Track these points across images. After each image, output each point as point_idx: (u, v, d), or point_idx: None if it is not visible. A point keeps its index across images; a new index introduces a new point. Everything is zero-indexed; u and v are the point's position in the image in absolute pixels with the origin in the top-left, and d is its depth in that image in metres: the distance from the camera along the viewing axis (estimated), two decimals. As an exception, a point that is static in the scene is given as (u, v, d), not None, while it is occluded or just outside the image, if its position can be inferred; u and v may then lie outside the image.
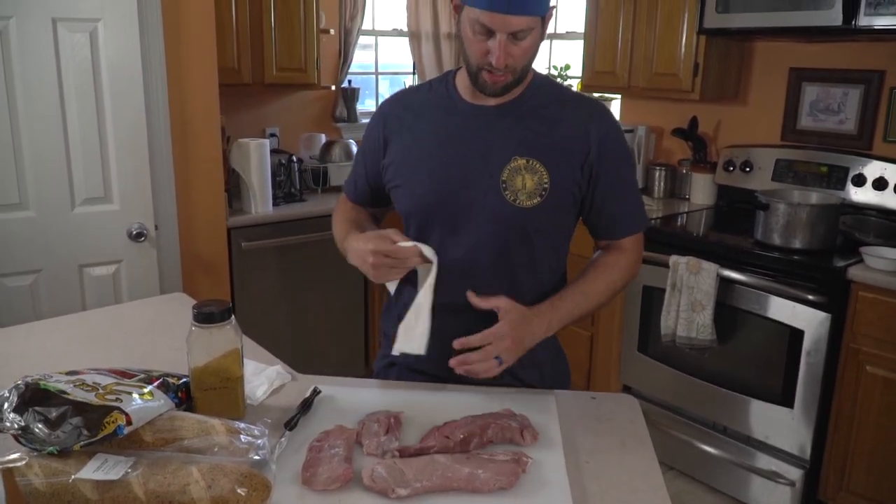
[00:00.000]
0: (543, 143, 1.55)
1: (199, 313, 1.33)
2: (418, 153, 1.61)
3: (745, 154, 3.57)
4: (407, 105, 1.68)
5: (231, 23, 3.56)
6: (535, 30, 1.44)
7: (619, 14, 3.70)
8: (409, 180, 1.62)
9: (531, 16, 1.40)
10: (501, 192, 1.53)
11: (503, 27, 1.40)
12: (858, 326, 2.67)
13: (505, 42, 1.42)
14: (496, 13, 1.39)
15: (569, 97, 1.64)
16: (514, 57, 1.45)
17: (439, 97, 1.64)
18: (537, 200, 1.53)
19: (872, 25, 2.70)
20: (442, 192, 1.58)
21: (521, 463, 1.23)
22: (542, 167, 1.53)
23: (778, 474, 2.89)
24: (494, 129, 1.57)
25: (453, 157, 1.57)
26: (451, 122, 1.60)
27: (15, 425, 1.14)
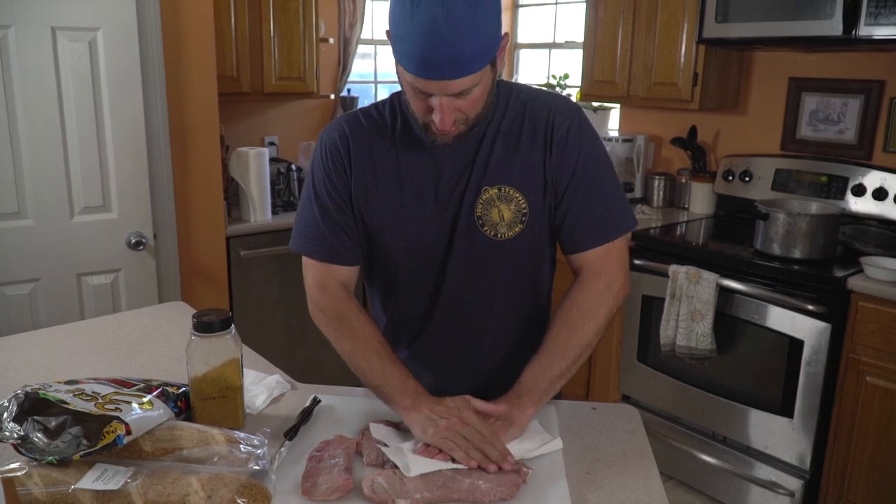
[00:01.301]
0: (511, 166, 1.42)
1: (199, 323, 1.33)
2: (387, 203, 1.46)
3: (745, 163, 3.57)
4: (362, 136, 1.47)
5: (230, 32, 3.56)
6: (483, 79, 1.28)
7: (619, 23, 3.71)
8: (383, 237, 1.48)
9: (472, 74, 1.23)
10: (479, 228, 1.43)
11: (441, 91, 1.25)
12: (858, 336, 2.66)
13: (447, 102, 1.27)
14: (430, 80, 1.24)
15: (529, 102, 1.46)
16: (462, 110, 1.30)
17: (399, 130, 1.46)
18: (519, 229, 1.44)
19: (872, 35, 2.70)
20: (422, 242, 1.47)
21: (521, 473, 1.23)
22: (516, 192, 1.42)
23: (777, 484, 2.88)
24: (461, 162, 1.43)
25: (423, 202, 1.44)
26: (414, 160, 1.45)
27: (14, 435, 1.13)
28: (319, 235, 1.49)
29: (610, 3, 3.74)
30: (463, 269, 1.48)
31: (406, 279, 1.54)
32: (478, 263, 1.47)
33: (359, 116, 1.50)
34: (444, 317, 1.54)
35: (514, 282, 1.52)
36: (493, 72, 1.31)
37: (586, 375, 3.66)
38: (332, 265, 1.51)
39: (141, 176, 2.93)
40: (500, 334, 1.57)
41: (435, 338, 1.58)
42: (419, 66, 1.22)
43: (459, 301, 1.52)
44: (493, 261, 1.47)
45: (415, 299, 1.56)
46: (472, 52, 1.21)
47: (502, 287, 1.52)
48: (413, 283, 1.54)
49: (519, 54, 5.02)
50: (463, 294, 1.51)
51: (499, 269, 1.49)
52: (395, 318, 1.61)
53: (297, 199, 3.90)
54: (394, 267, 1.53)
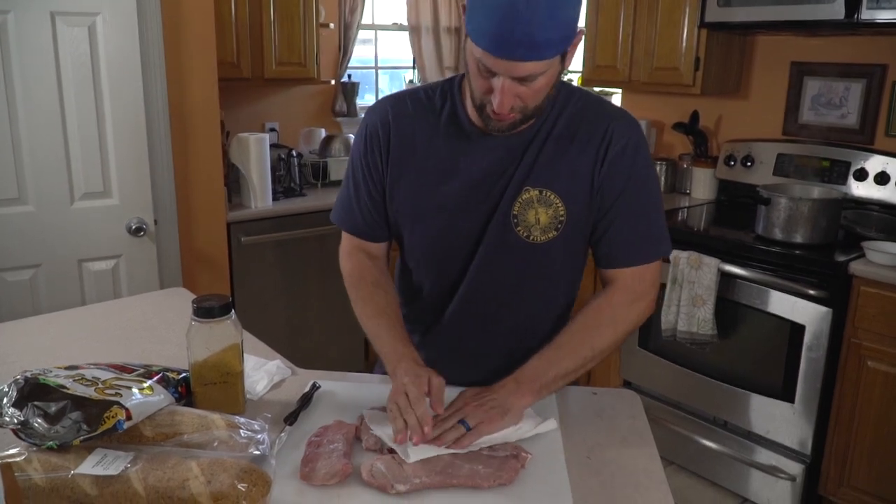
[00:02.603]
0: (557, 170, 1.39)
1: (199, 308, 1.33)
2: (425, 188, 1.45)
3: (747, 148, 3.56)
4: (406, 121, 1.47)
5: (230, 17, 3.55)
6: (550, 69, 1.24)
7: (620, 8, 3.69)
8: (417, 219, 1.48)
9: (545, 59, 1.21)
10: (513, 227, 1.41)
11: (507, 72, 1.22)
12: (860, 321, 2.66)
13: (510, 85, 1.24)
14: (500, 59, 1.21)
15: (588, 110, 1.43)
16: (522, 98, 1.27)
17: (445, 116, 1.45)
18: (553, 234, 1.41)
19: (875, 19, 2.68)
20: (452, 233, 1.46)
21: (520, 459, 1.23)
22: (556, 198, 1.39)
23: (778, 469, 2.89)
24: (504, 155, 1.41)
25: (462, 191, 1.43)
26: (457, 149, 1.43)
27: (14, 420, 1.13)
28: (351, 211, 1.55)
29: (611, -13, 3.72)
30: (488, 266, 1.47)
31: (430, 268, 1.53)
32: (505, 263, 1.46)
33: (405, 99, 1.50)
34: (462, 311, 1.53)
35: (538, 288, 1.50)
36: (562, 66, 1.28)
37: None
38: (364, 241, 1.57)
39: (141, 162, 2.93)
40: (514, 338, 1.54)
41: (449, 330, 1.57)
42: (491, 42, 1.20)
43: (479, 298, 1.50)
44: (521, 263, 1.46)
45: (435, 289, 1.55)
46: (547, 38, 1.18)
47: (525, 291, 1.50)
48: (436, 273, 1.53)
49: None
50: (484, 291, 1.50)
51: (524, 272, 1.47)
52: (415, 303, 1.61)
53: (297, 185, 3.89)
54: (420, 253, 1.53)
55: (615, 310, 1.44)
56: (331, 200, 1.74)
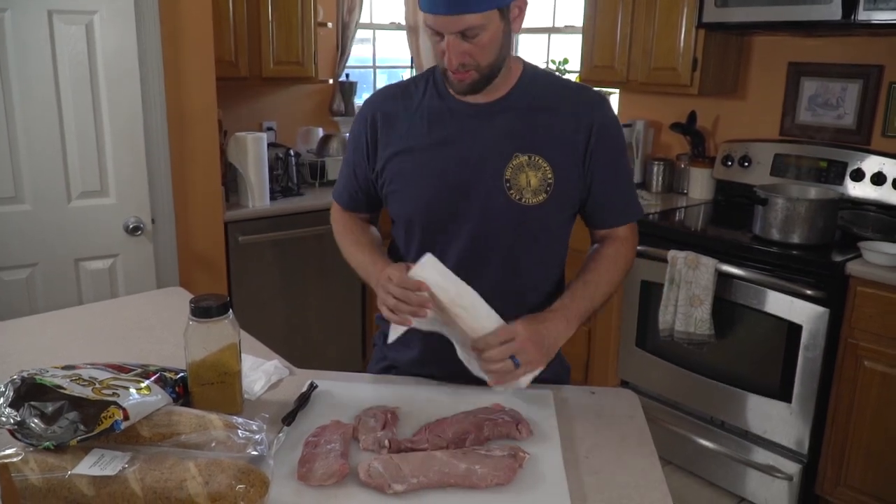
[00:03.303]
0: (544, 138, 1.51)
1: (197, 308, 1.32)
2: (415, 157, 1.55)
3: (744, 149, 3.56)
4: (393, 106, 1.60)
5: (228, 16, 3.54)
6: (490, 25, 1.38)
7: (618, 8, 3.69)
8: (407, 186, 1.57)
9: (477, 13, 1.35)
10: (506, 191, 1.50)
11: (447, 28, 1.37)
12: (857, 321, 2.66)
13: (455, 42, 1.38)
14: (438, 15, 1.36)
15: (566, 87, 1.60)
16: (471, 55, 1.40)
17: (429, 97, 1.58)
18: (543, 197, 1.51)
19: (871, 20, 2.69)
20: (443, 197, 1.54)
21: (518, 458, 1.23)
22: (544, 162, 1.50)
23: (775, 469, 2.89)
24: (492, 126, 1.52)
25: (452, 159, 1.53)
26: (445, 122, 1.55)
27: (11, 420, 1.13)
28: (342, 186, 1.72)
29: (609, -13, 3.72)
30: (484, 230, 1.55)
31: (427, 239, 1.59)
32: (500, 226, 1.54)
33: (394, 86, 1.66)
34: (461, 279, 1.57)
35: (532, 251, 1.59)
36: (503, 22, 1.41)
37: (585, 360, 3.67)
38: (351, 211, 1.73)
39: (139, 161, 2.93)
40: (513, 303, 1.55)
41: None
42: (428, 2, 1.36)
43: (477, 264, 1.56)
44: (515, 226, 1.54)
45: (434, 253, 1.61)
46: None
47: (520, 254, 1.58)
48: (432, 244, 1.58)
49: (518, 39, 4.99)
50: (481, 257, 1.56)
51: (519, 235, 1.55)
52: None
53: (295, 184, 3.89)
54: (417, 226, 1.61)
55: (621, 255, 1.62)
56: (328, 200, 1.80)
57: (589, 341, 3.64)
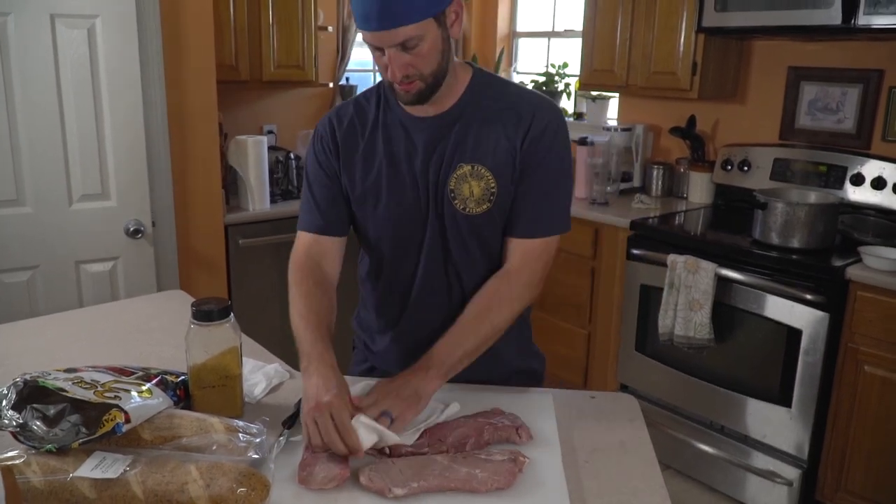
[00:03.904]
0: (487, 147, 1.51)
1: (198, 311, 1.33)
2: (375, 176, 1.56)
3: (744, 153, 3.56)
4: (349, 125, 1.60)
5: (229, 20, 3.55)
6: (428, 34, 1.37)
7: (618, 12, 3.70)
8: (370, 206, 1.58)
9: (411, 24, 1.34)
10: (451, 201, 1.52)
11: (385, 42, 1.36)
12: (857, 326, 2.67)
13: (396, 54, 1.38)
14: (373, 32, 1.36)
15: (512, 95, 1.57)
16: (413, 65, 1.39)
17: (382, 112, 1.58)
18: (486, 206, 1.52)
19: (871, 24, 2.69)
20: (401, 214, 1.56)
21: (518, 462, 1.23)
22: (487, 172, 1.50)
23: (775, 474, 2.89)
24: (438, 137, 1.53)
25: (405, 174, 1.54)
26: (397, 138, 1.56)
27: (13, 423, 1.13)
28: (310, 211, 1.63)
29: (610, -8, 3.73)
30: (437, 241, 1.56)
31: (388, 251, 1.62)
32: (450, 236, 1.55)
33: (347, 104, 1.65)
34: (423, 291, 1.61)
35: (482, 259, 1.58)
36: (441, 29, 1.40)
37: (584, 364, 3.67)
38: (320, 236, 1.63)
39: (139, 164, 2.93)
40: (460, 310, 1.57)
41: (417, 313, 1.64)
42: (362, 21, 1.36)
43: (435, 274, 1.59)
44: (463, 235, 1.55)
45: (396, 273, 1.64)
46: (404, 2, 1.32)
47: (471, 263, 1.58)
48: (393, 256, 1.62)
49: (518, 43, 5.00)
50: (438, 267, 1.58)
51: (468, 244, 1.56)
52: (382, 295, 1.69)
53: (295, 187, 3.89)
54: (377, 238, 1.62)
55: (513, 289, 1.54)
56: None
57: (588, 345, 3.65)
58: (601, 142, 3.77)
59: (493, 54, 4.90)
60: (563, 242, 3.71)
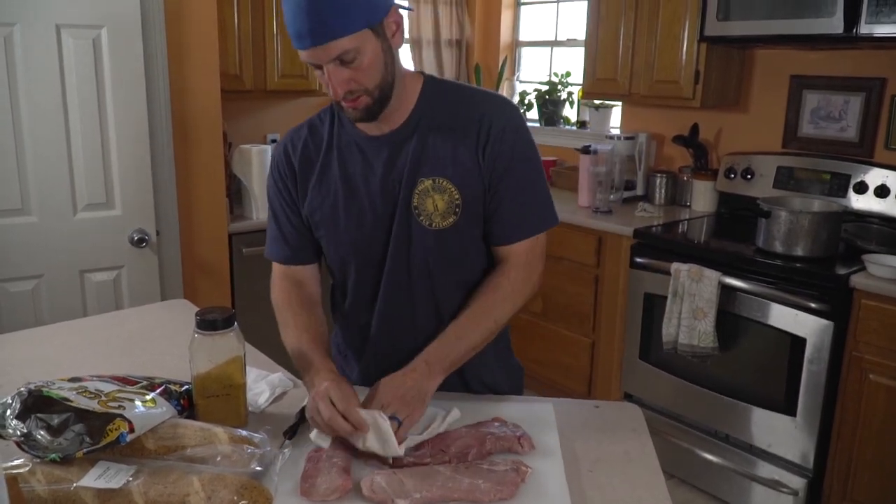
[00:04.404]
0: (446, 158, 1.47)
1: (202, 320, 1.33)
2: (332, 200, 1.53)
3: (747, 161, 3.57)
4: (304, 149, 1.57)
5: (233, 29, 3.56)
6: (366, 46, 1.33)
7: (620, 21, 3.71)
8: (331, 231, 1.56)
9: (343, 37, 1.30)
10: (416, 217, 1.48)
11: (321, 58, 1.32)
12: (861, 335, 2.66)
13: (335, 70, 1.34)
14: (305, 50, 1.32)
15: (466, 100, 1.52)
16: (355, 81, 1.36)
17: (336, 132, 1.55)
18: (452, 219, 1.48)
19: (873, 33, 2.70)
20: (364, 235, 1.53)
21: (520, 472, 1.22)
22: (449, 184, 1.47)
23: (780, 483, 2.88)
24: (395, 155, 1.49)
25: (369, 195, 1.50)
26: (352, 159, 1.52)
27: (17, 432, 1.14)
28: (277, 240, 1.63)
29: (612, 2, 3.73)
30: (401, 258, 1.53)
31: (351, 273, 1.60)
32: (415, 253, 1.52)
33: (301, 126, 1.62)
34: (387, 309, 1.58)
35: (450, 273, 1.55)
36: (380, 40, 1.37)
37: (588, 373, 3.67)
38: (290, 266, 1.63)
39: (144, 173, 2.94)
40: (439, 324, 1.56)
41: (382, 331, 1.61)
42: (296, 39, 1.32)
43: (400, 292, 1.55)
44: (429, 251, 1.51)
45: (360, 293, 1.61)
46: (335, 16, 1.28)
47: (439, 277, 1.55)
48: (356, 277, 1.60)
49: (520, 52, 5.02)
50: (402, 285, 1.55)
51: (434, 259, 1.52)
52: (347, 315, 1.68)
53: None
54: (340, 260, 1.60)
55: (513, 284, 1.52)
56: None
57: (592, 354, 3.64)
58: (604, 150, 3.77)
59: (496, 63, 4.91)
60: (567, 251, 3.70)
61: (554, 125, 4.59)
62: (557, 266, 3.65)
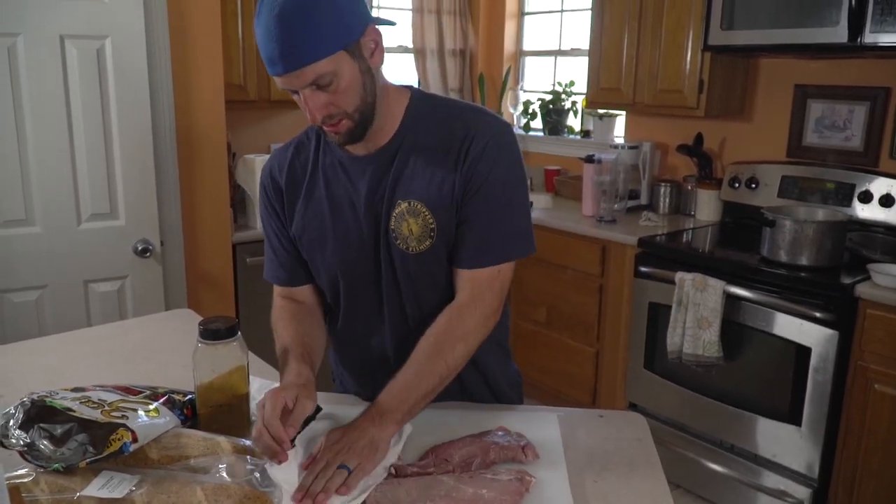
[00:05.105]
0: (423, 181, 1.42)
1: (206, 330, 1.33)
2: (318, 221, 1.51)
3: (751, 170, 3.56)
4: (289, 172, 1.55)
5: (237, 40, 3.57)
6: (342, 69, 1.29)
7: (624, 31, 3.71)
8: (317, 252, 1.54)
9: (318, 61, 1.26)
10: (394, 242, 1.45)
11: (296, 84, 1.29)
12: (866, 344, 2.65)
13: (312, 95, 1.30)
14: (279, 76, 1.29)
15: (450, 119, 1.46)
16: (334, 104, 1.32)
17: (322, 152, 1.52)
18: (428, 243, 1.43)
19: (878, 42, 2.70)
20: (348, 258, 1.51)
21: (524, 482, 1.22)
22: (423, 207, 1.42)
23: (786, 493, 2.87)
24: (379, 176, 1.45)
25: (348, 217, 1.48)
26: (341, 180, 1.49)
27: (21, 442, 1.14)
28: (272, 262, 1.63)
29: (615, 11, 3.74)
30: (387, 281, 1.50)
31: (340, 296, 1.57)
32: (398, 276, 1.49)
33: (287, 147, 1.59)
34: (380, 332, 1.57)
35: (433, 297, 1.51)
36: (358, 61, 1.33)
37: (593, 383, 3.66)
38: (288, 287, 1.63)
39: (148, 183, 2.94)
40: None
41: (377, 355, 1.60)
42: (270, 65, 1.28)
43: (394, 311, 1.53)
44: (409, 274, 1.48)
45: (353, 317, 1.59)
46: (308, 39, 1.25)
47: (424, 301, 1.51)
48: (347, 300, 1.57)
49: (524, 62, 5.03)
50: (392, 307, 1.52)
51: (416, 282, 1.49)
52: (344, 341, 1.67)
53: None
54: (329, 283, 1.57)
55: (465, 324, 1.44)
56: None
57: (597, 364, 3.63)
58: (608, 160, 3.77)
59: (500, 73, 4.92)
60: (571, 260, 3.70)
61: (558, 134, 4.59)
62: (562, 275, 3.65)
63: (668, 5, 3.50)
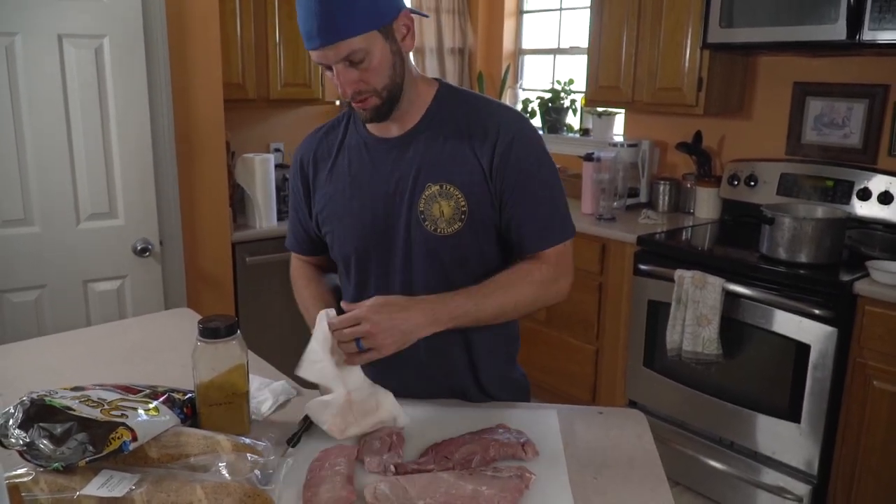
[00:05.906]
0: (455, 165, 1.49)
1: (205, 328, 1.33)
2: (340, 198, 1.58)
3: (750, 168, 3.56)
4: (320, 148, 1.64)
5: (236, 39, 3.58)
6: (374, 47, 1.36)
7: (623, 29, 3.71)
8: (335, 227, 1.60)
9: (352, 37, 1.33)
10: (422, 223, 1.49)
11: (330, 58, 1.36)
12: (865, 341, 2.65)
13: (343, 70, 1.37)
14: (315, 50, 1.36)
15: (478, 109, 1.54)
16: (364, 81, 1.39)
17: (350, 134, 1.60)
18: (458, 226, 1.49)
19: (876, 40, 2.70)
20: (368, 234, 1.55)
21: (524, 479, 1.22)
22: (456, 190, 1.48)
23: (785, 490, 2.87)
24: (406, 157, 1.51)
25: (372, 196, 1.53)
26: (364, 160, 1.56)
27: (20, 441, 1.14)
28: (293, 232, 1.78)
29: (614, 9, 3.74)
30: (411, 263, 1.54)
31: (363, 276, 1.61)
32: (424, 258, 1.53)
33: (321, 127, 1.69)
34: None
35: (458, 279, 1.52)
36: (389, 42, 1.39)
37: (592, 380, 3.66)
38: (307, 256, 1.78)
39: (147, 182, 2.94)
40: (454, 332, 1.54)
41: None
42: (307, 39, 1.36)
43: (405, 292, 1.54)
44: (437, 256, 1.52)
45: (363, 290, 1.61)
46: (344, 17, 1.32)
47: (447, 283, 1.52)
48: (368, 280, 1.60)
49: (523, 60, 5.03)
50: (414, 290, 1.53)
51: (443, 264, 1.53)
52: None
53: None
54: (351, 263, 1.62)
55: (543, 275, 1.52)
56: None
57: (596, 362, 3.64)
58: (607, 158, 3.77)
59: (499, 71, 4.92)
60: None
61: (557, 133, 4.59)
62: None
63: (668, 3, 3.50)
